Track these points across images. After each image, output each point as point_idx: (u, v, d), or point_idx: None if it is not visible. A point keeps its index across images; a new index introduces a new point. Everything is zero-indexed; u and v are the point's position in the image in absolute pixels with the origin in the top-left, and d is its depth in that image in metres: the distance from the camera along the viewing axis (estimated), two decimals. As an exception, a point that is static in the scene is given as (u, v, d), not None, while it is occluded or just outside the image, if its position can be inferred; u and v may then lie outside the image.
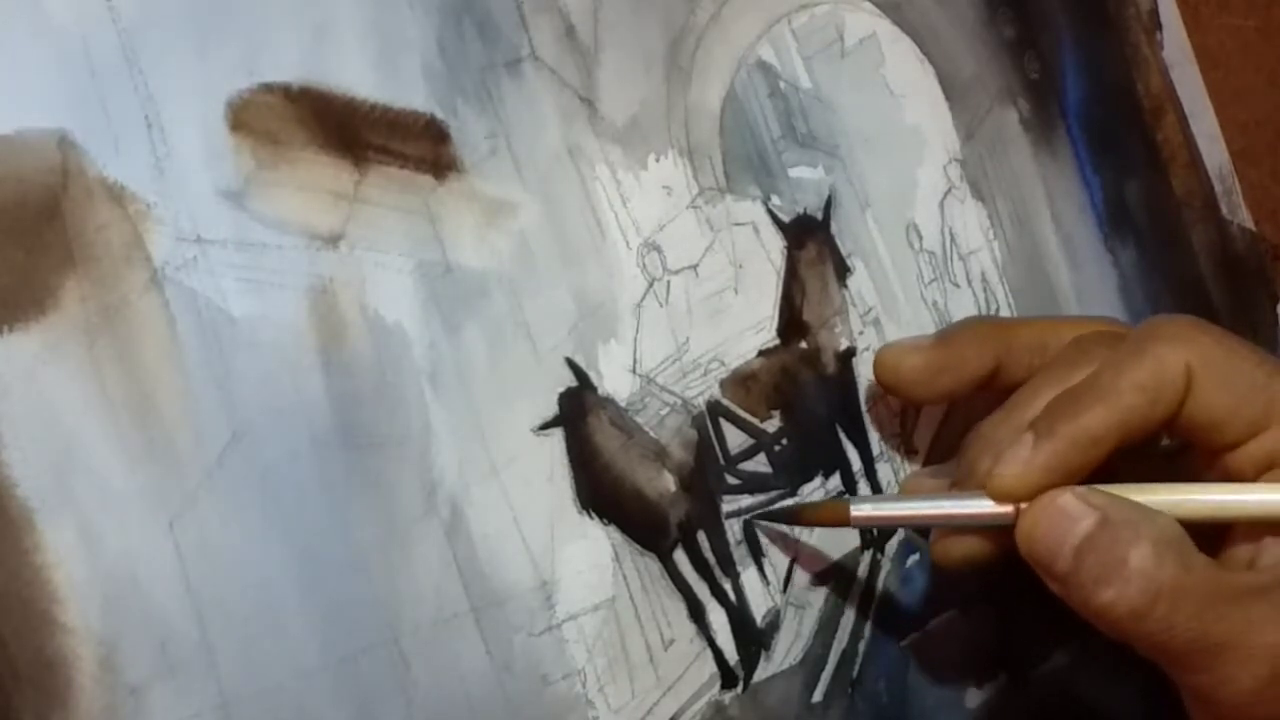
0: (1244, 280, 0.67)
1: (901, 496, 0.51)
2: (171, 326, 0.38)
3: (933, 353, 0.49)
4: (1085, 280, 0.61)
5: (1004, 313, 0.58)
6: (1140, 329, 0.46)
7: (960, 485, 0.46)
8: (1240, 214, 0.68)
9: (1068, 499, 0.43)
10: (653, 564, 0.46)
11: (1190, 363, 0.43)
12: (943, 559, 0.47)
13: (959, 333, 0.50)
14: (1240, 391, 0.43)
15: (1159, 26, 0.66)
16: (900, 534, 0.52)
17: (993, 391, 0.49)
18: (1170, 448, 0.47)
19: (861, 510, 0.46)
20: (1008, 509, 0.44)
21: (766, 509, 0.49)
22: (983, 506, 0.44)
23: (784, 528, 0.49)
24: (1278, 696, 0.41)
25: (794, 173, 0.52)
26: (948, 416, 0.54)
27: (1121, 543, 0.42)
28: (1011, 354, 0.49)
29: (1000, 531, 0.44)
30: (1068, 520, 0.42)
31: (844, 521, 0.46)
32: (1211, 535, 0.44)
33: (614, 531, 0.45)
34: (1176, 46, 0.66)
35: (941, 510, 0.46)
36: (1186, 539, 0.42)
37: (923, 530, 0.52)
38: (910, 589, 0.52)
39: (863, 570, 0.51)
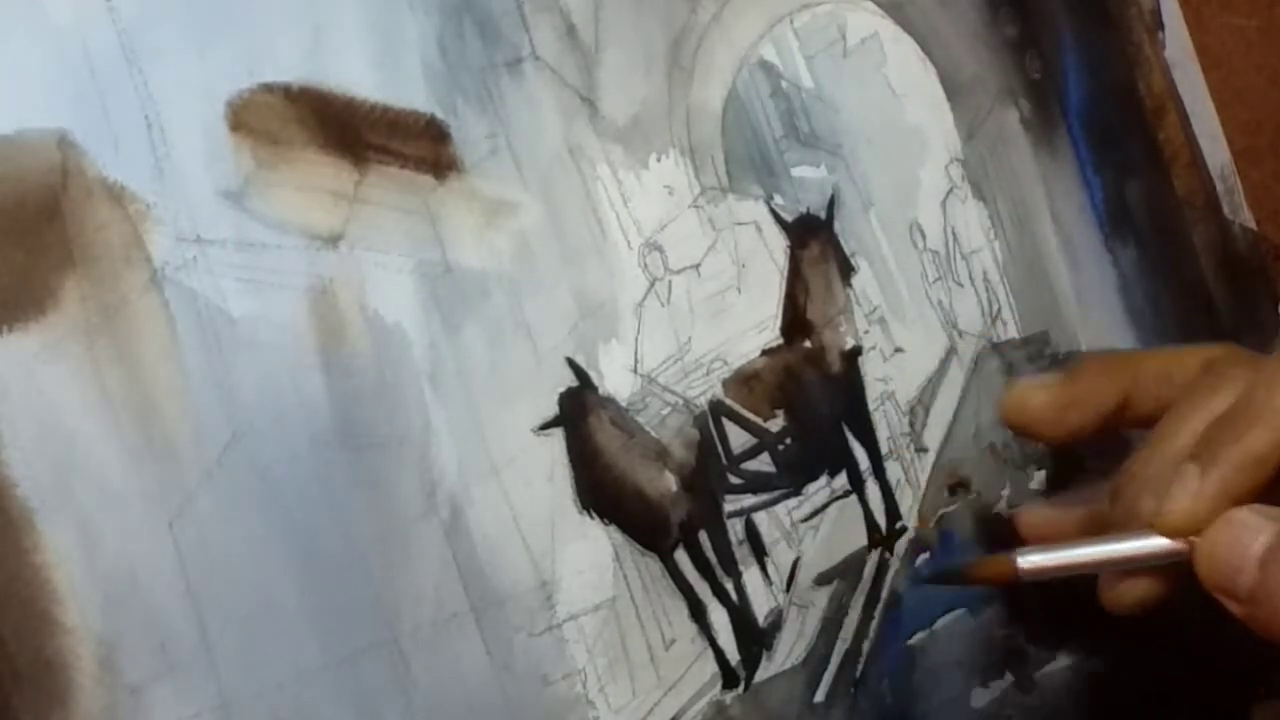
0: (1245, 280, 0.67)
1: (1069, 544, 0.49)
2: (171, 326, 0.38)
3: (1060, 389, 0.48)
4: (1085, 280, 0.61)
5: (1005, 313, 0.58)
6: None
7: (1122, 526, 0.45)
8: (1242, 214, 0.67)
9: (1244, 514, 0.42)
10: (654, 564, 0.46)
11: None
12: (1115, 605, 0.46)
13: (1084, 368, 0.49)
14: None
15: (1161, 26, 0.66)
16: (910, 533, 0.52)
17: (1121, 426, 0.49)
18: None
19: (1031, 562, 0.45)
20: (1181, 545, 0.43)
21: (934, 572, 0.49)
22: (1156, 545, 0.43)
23: (788, 527, 0.49)
24: None
25: (796, 172, 0.52)
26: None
27: None
28: (1138, 386, 0.48)
29: (1171, 569, 0.44)
30: (1248, 533, 0.42)
31: (1014, 576, 0.45)
32: None
33: (614, 531, 0.45)
34: (1178, 46, 0.66)
35: (1114, 554, 0.45)
36: None
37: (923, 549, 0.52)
38: (918, 588, 0.52)
39: (869, 570, 0.51)
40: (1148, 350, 0.56)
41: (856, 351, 0.52)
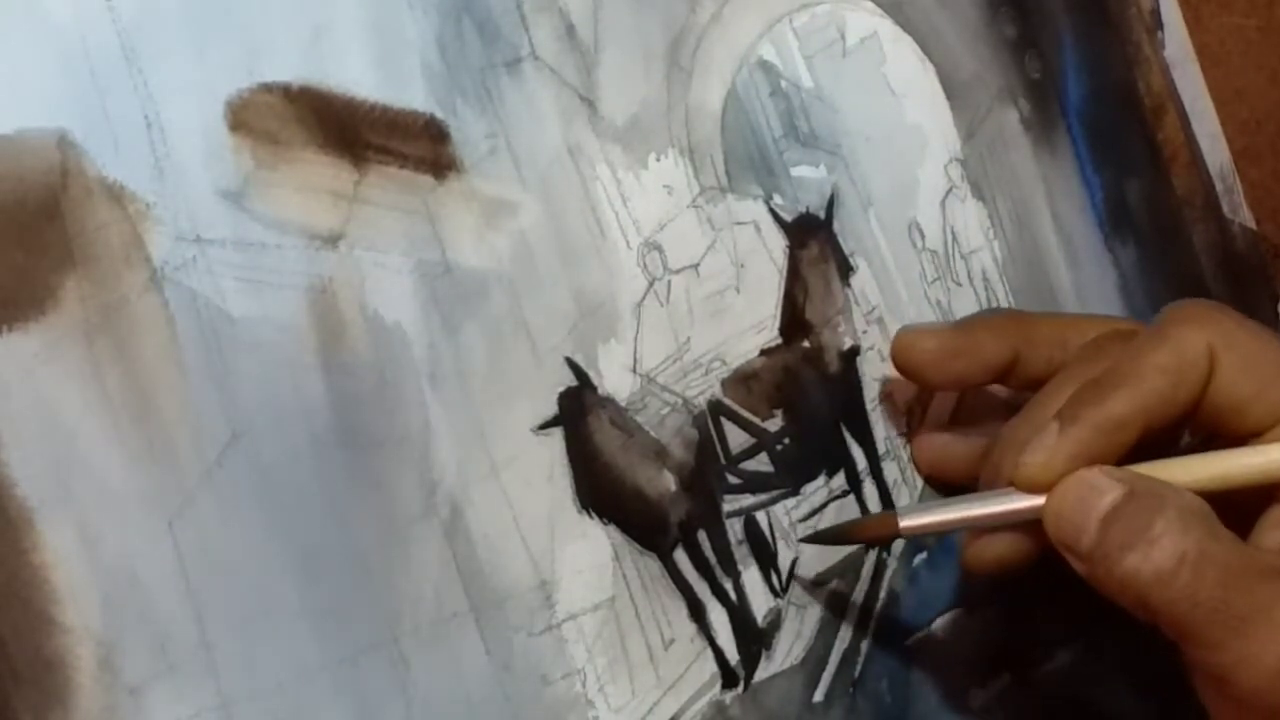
0: (1245, 280, 0.67)
1: (943, 503, 0.50)
2: (171, 326, 0.38)
3: (950, 338, 0.49)
4: (1085, 280, 0.61)
5: (1005, 313, 0.58)
6: (1160, 315, 0.45)
7: (987, 484, 0.46)
8: (1241, 213, 0.68)
9: (1094, 473, 0.43)
10: (653, 563, 0.46)
11: (1212, 344, 0.43)
12: (975, 563, 0.46)
13: (979, 321, 0.50)
14: (1264, 373, 0.43)
15: (1160, 25, 0.66)
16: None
17: (1009, 384, 0.49)
18: (1193, 444, 0.47)
19: (911, 522, 0.46)
20: (1042, 500, 0.44)
21: (814, 532, 0.49)
22: (1020, 503, 0.44)
23: (786, 527, 0.49)
24: None
25: (796, 172, 0.52)
26: (958, 410, 0.54)
27: (1148, 510, 0.41)
28: (1031, 347, 0.48)
29: (1031, 530, 0.44)
30: (1094, 494, 0.42)
31: (895, 533, 0.46)
32: (1239, 525, 0.44)
33: (614, 531, 0.45)
34: (1178, 45, 0.66)
35: (986, 511, 0.45)
36: (1213, 514, 0.42)
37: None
38: (916, 588, 0.52)
39: (867, 569, 0.51)
40: (1048, 313, 0.56)
41: (855, 351, 0.52)
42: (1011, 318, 0.50)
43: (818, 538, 0.49)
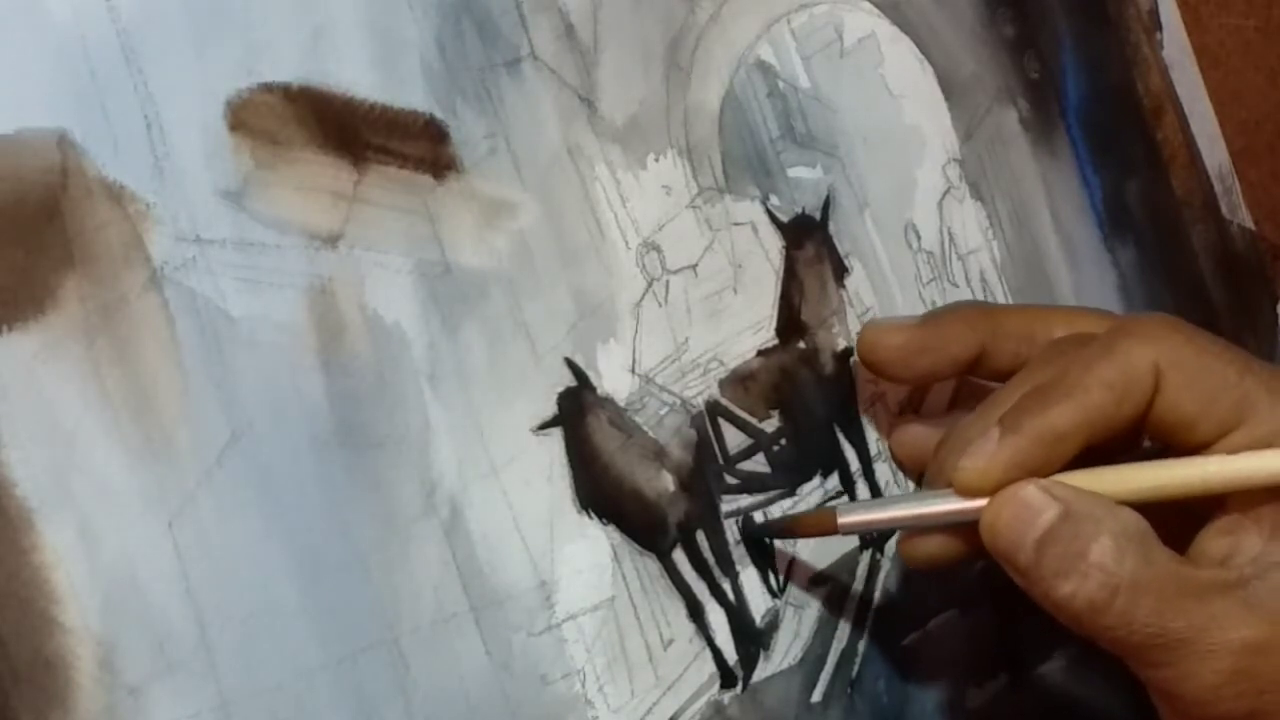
0: (1244, 280, 0.67)
1: (883, 501, 0.50)
2: (171, 326, 0.38)
3: (915, 332, 0.49)
4: (1085, 280, 0.61)
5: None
6: (1112, 327, 0.45)
7: (932, 482, 0.46)
8: (1240, 214, 0.68)
9: (1030, 491, 0.42)
10: (652, 564, 0.46)
11: (1158, 361, 0.43)
12: (911, 559, 0.47)
13: (945, 315, 0.50)
14: (1210, 390, 0.43)
15: (1159, 26, 0.66)
16: (899, 533, 0.52)
17: (978, 377, 0.49)
18: (1151, 450, 0.47)
19: (849, 519, 0.46)
20: (979, 504, 0.43)
21: (759, 525, 0.49)
22: (956, 505, 0.44)
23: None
24: (1241, 693, 0.41)
25: (793, 172, 0.52)
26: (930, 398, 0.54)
27: (1082, 536, 0.41)
28: (998, 340, 0.48)
29: (969, 531, 0.44)
30: (1030, 512, 0.42)
31: (833, 529, 0.46)
32: (1184, 532, 0.44)
33: (613, 531, 0.45)
34: (1176, 46, 0.66)
35: (922, 512, 0.45)
36: (1150, 533, 0.42)
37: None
38: (910, 589, 0.52)
39: (862, 570, 0.51)
40: (1015, 306, 0.56)
41: (848, 353, 0.52)
42: (978, 311, 0.50)
43: (762, 530, 0.49)
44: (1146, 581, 0.41)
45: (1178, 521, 0.44)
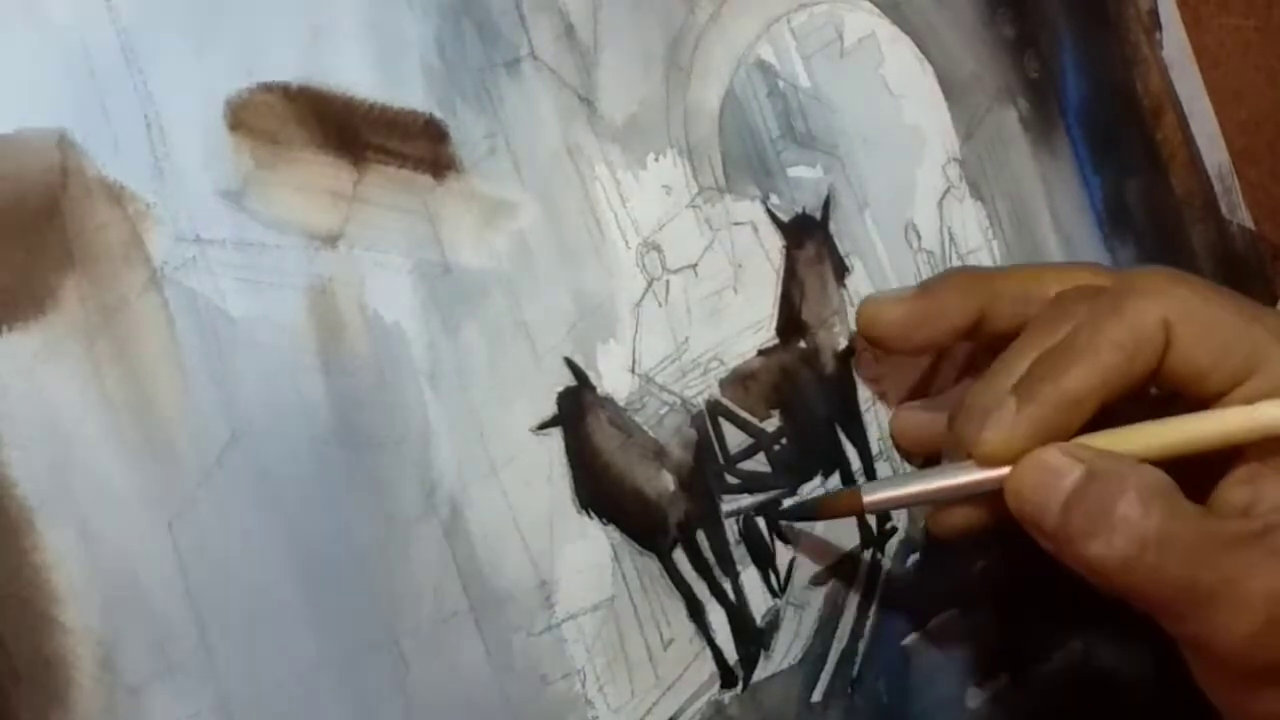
0: (1244, 280, 0.67)
1: (905, 477, 0.50)
2: (170, 326, 0.38)
3: (914, 303, 0.49)
4: (1084, 280, 0.61)
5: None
6: (1116, 283, 0.45)
7: (950, 455, 0.46)
8: (1240, 214, 0.68)
9: (1052, 454, 0.43)
10: (652, 563, 0.46)
11: (1168, 316, 0.43)
12: (939, 530, 0.47)
13: (941, 283, 0.50)
14: (1221, 341, 0.43)
15: (1159, 26, 0.66)
16: (901, 533, 0.52)
17: (977, 342, 0.49)
18: (1160, 396, 0.47)
19: (874, 495, 0.46)
20: (1003, 472, 0.44)
21: (783, 508, 0.49)
22: (977, 476, 0.44)
23: (784, 527, 0.49)
24: (1274, 643, 0.41)
25: (793, 172, 0.52)
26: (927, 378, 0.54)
27: (1108, 494, 0.41)
28: (995, 304, 0.48)
29: (994, 498, 0.44)
30: (1054, 476, 0.42)
31: (859, 509, 0.46)
32: (1204, 484, 0.44)
33: (613, 531, 0.45)
34: (1176, 46, 0.66)
35: (944, 486, 0.45)
36: (1175, 488, 0.42)
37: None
38: (910, 588, 0.52)
39: (862, 569, 0.51)
40: (1009, 267, 0.56)
41: (849, 352, 0.52)
42: (973, 276, 0.50)
43: (786, 514, 0.49)
44: (1174, 535, 0.41)
45: (1196, 474, 0.44)
